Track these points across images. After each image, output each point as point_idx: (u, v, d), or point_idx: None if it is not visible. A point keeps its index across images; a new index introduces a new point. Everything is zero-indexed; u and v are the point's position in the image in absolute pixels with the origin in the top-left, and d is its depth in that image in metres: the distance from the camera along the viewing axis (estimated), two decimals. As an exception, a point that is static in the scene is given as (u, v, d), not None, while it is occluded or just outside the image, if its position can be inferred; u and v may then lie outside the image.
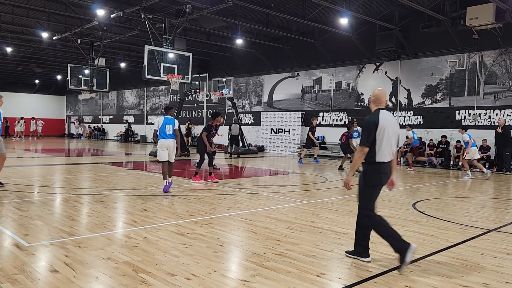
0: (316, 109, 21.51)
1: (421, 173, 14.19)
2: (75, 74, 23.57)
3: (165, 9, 16.91)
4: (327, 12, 16.88)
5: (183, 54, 17.27)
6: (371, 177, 4.40)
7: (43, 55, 27.83)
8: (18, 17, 18.83)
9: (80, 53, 23.73)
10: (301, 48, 21.62)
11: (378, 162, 4.33)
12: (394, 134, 4.44)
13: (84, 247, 4.64)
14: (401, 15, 17.15)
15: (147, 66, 15.85)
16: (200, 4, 15.32)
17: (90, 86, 23.67)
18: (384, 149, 4.32)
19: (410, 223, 6.21)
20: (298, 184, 10.78)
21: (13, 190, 8.44)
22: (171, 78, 16.41)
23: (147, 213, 6.52)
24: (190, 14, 15.65)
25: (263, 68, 24.12)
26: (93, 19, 17.60)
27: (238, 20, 18.16)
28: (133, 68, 30.33)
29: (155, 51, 16.11)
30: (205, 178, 10.47)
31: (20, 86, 40.42)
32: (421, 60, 17.61)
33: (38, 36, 21.55)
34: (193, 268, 4.02)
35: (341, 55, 20.30)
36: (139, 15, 15.97)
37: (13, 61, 29.94)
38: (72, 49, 24.71)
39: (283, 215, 6.59)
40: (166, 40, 16.46)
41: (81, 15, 17.99)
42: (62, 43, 23.54)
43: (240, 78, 25.54)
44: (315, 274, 3.94)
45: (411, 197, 8.85)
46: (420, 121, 17.69)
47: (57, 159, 12.52)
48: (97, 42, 22.39)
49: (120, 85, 35.79)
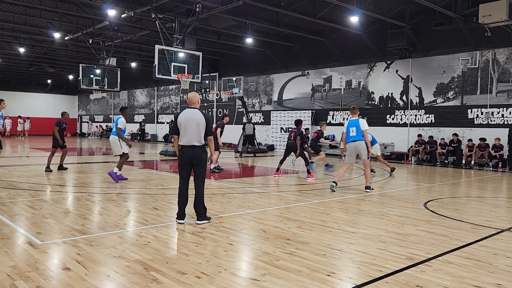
0: (327, 108, 21.42)
1: (433, 172, 14.05)
2: (86, 74, 23.80)
3: (175, 8, 16.98)
4: (337, 11, 16.80)
5: (193, 54, 17.32)
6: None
7: (55, 55, 28.16)
8: (31, 17, 19.07)
9: (92, 53, 23.96)
10: (311, 46, 21.55)
11: None
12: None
13: (95, 245, 4.69)
14: (412, 13, 16.98)
15: (157, 65, 15.93)
16: (210, 4, 15.36)
17: (101, 85, 23.88)
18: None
19: (422, 223, 6.15)
20: (308, 183, 10.74)
21: (26, 189, 8.56)
22: (182, 77, 16.48)
23: (157, 212, 6.56)
24: (200, 13, 15.69)
25: (273, 67, 24.09)
26: (104, 19, 17.75)
27: (248, 19, 18.16)
28: (144, 68, 30.54)
29: (165, 51, 16.19)
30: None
31: (32, 86, 40.98)
32: (432, 58, 17.43)
33: (50, 37, 21.81)
34: (204, 267, 4.04)
35: (351, 54, 20.18)
36: (149, 14, 16.06)
37: (26, 61, 30.34)
38: (84, 49, 24.96)
39: (293, 214, 6.58)
40: (176, 39, 16.52)
41: (92, 15, 18.15)
42: (74, 43, 23.78)
43: (250, 77, 25.55)
44: (325, 274, 3.93)
45: (422, 196, 8.77)
46: (431, 119, 17.52)
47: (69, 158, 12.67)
48: (108, 42, 22.57)
49: (131, 85, 36.06)
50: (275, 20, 18.65)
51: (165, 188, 9.12)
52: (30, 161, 15.16)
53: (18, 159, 16.27)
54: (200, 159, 5.78)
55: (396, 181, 11.28)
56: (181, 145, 5.84)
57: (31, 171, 11.67)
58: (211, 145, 6.02)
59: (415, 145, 17.39)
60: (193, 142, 5.75)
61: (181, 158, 5.84)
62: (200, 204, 5.83)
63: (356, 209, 7.12)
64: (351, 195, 8.66)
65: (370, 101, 19.63)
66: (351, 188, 9.81)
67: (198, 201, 5.81)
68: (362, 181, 11.05)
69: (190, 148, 5.77)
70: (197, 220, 5.82)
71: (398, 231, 5.60)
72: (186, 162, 5.81)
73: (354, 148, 8.98)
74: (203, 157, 5.83)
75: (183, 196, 5.84)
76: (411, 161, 17.37)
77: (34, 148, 22.17)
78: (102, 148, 24.33)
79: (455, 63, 16.79)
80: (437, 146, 16.75)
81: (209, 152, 6.03)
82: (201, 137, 5.80)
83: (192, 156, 5.77)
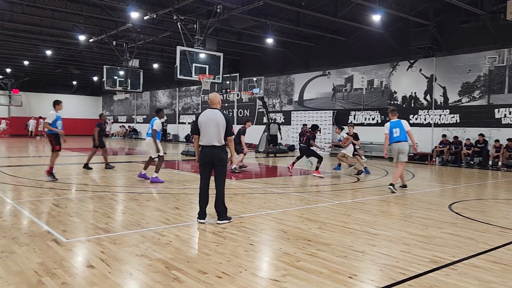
0: (348, 108, 21.21)
1: (458, 173, 13.73)
2: (110, 75, 24.25)
3: (197, 10, 17.13)
4: (359, 10, 16.62)
5: (214, 54, 17.43)
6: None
7: (80, 57, 28.80)
8: (57, 21, 19.56)
9: (115, 55, 24.41)
10: (332, 46, 21.38)
11: None
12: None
13: (119, 243, 4.77)
14: (437, 10, 16.65)
15: (179, 66, 16.09)
16: (231, 4, 15.43)
17: (124, 86, 24.30)
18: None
19: (446, 225, 6.02)
20: (329, 184, 10.66)
21: (52, 188, 8.77)
22: (203, 78, 16.60)
23: (179, 211, 6.62)
24: (221, 14, 15.78)
25: (294, 67, 24.01)
26: (127, 22, 18.06)
27: (268, 19, 18.16)
28: (166, 69, 30.91)
29: (187, 52, 16.34)
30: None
31: (58, 87, 42.03)
32: (457, 56, 17.04)
33: (75, 39, 22.33)
34: (224, 267, 4.05)
35: (373, 53, 19.93)
36: (171, 16, 16.25)
37: (52, 64, 31.15)
38: (108, 51, 25.46)
39: (314, 215, 6.53)
40: (197, 40, 16.66)
41: (116, 18, 18.49)
42: (98, 45, 24.27)
43: (270, 77, 25.53)
44: (347, 276, 3.89)
45: (447, 198, 8.57)
46: (456, 119, 17.13)
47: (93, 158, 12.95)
48: (131, 44, 22.96)
49: (153, 86, 36.56)
50: (296, 20, 18.58)
51: (186, 187, 9.20)
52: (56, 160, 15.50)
53: (45, 158, 16.69)
54: (220, 159, 5.81)
55: (419, 182, 11.06)
56: (202, 145, 5.88)
57: (56, 170, 11.95)
58: (231, 145, 6.04)
59: (440, 145, 17.04)
60: (213, 142, 5.79)
61: (202, 158, 5.88)
62: (221, 204, 5.85)
63: (378, 211, 7.02)
64: (372, 196, 8.54)
65: (393, 100, 19.33)
66: (372, 189, 9.68)
67: (218, 201, 5.84)
68: (384, 182, 10.90)
69: (210, 148, 5.81)
70: (218, 220, 5.84)
71: (422, 234, 5.49)
72: (207, 162, 5.85)
73: (398, 149, 9.14)
74: (224, 157, 5.85)
75: (204, 196, 5.88)
76: (435, 162, 17.02)
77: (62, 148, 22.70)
78: (125, 148, 24.74)
79: (481, 62, 16.36)
80: (462, 147, 16.36)
81: (229, 153, 6.05)
82: (221, 138, 5.83)
83: (212, 156, 5.80)
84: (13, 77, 36.77)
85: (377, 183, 10.63)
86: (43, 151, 21.05)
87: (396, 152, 9.18)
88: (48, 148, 10.69)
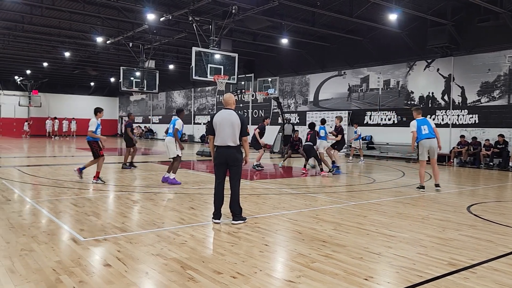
0: (364, 108, 21.03)
1: (477, 175, 13.48)
2: (127, 76, 24.53)
3: (212, 11, 17.20)
4: (375, 9, 16.46)
5: (229, 55, 17.48)
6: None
7: (98, 58, 29.22)
8: (75, 23, 19.87)
9: (132, 56, 24.68)
10: (347, 46, 21.22)
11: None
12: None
13: (135, 243, 4.82)
14: (455, 9, 16.38)
15: (194, 67, 16.18)
16: (246, 5, 15.45)
17: (140, 87, 24.56)
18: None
19: (465, 227, 5.91)
20: (345, 185, 10.59)
21: (70, 187, 8.92)
22: (218, 78, 16.66)
23: (194, 211, 6.66)
24: (236, 15, 15.82)
25: (309, 67, 23.92)
26: (143, 23, 18.25)
27: (283, 19, 18.13)
28: (181, 70, 31.13)
29: (202, 53, 16.42)
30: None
31: (76, 88, 42.73)
32: (476, 56, 16.73)
33: (93, 41, 22.66)
34: (239, 267, 4.06)
35: (389, 53, 19.71)
36: (187, 17, 16.36)
37: (70, 65, 31.68)
38: (124, 52, 25.76)
39: (329, 216, 6.49)
40: (213, 41, 16.73)
41: (132, 20, 18.70)
42: (115, 47, 24.59)
43: (285, 78, 25.48)
44: (362, 277, 3.85)
45: (465, 199, 8.42)
46: (475, 120, 16.81)
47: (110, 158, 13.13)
48: (147, 45, 23.18)
49: (168, 86, 36.86)
50: (311, 20, 18.50)
51: (201, 188, 9.24)
52: (75, 160, 15.79)
53: (63, 158, 17.00)
54: (235, 159, 5.82)
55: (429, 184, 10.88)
56: (217, 146, 5.91)
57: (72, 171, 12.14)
58: (246, 145, 6.06)
59: (458, 146, 16.75)
60: (228, 142, 5.80)
61: (217, 159, 5.90)
62: (236, 204, 5.86)
63: (394, 212, 6.93)
64: (388, 198, 8.45)
65: (410, 101, 19.08)
66: (388, 190, 9.57)
67: (233, 201, 5.85)
68: (400, 183, 10.77)
69: (225, 149, 5.83)
70: (233, 220, 5.85)
71: (440, 236, 5.41)
72: (222, 162, 5.87)
73: (429, 145, 9.24)
74: (238, 158, 5.86)
75: (219, 196, 5.90)
76: (453, 162, 16.74)
77: (80, 148, 23.09)
78: (141, 148, 24.99)
79: (501, 61, 16.02)
80: (481, 148, 16.05)
81: (244, 153, 6.06)
82: (236, 138, 5.84)
83: (227, 156, 5.82)
84: (32, 78, 37.53)
85: (394, 184, 10.51)
86: (60, 151, 21.43)
87: (427, 148, 9.24)
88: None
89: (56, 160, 16.01)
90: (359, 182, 10.90)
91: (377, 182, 10.95)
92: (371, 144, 20.37)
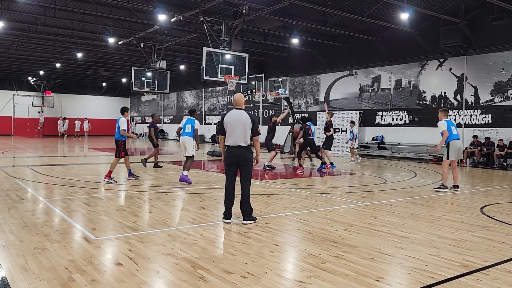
0: (375, 108, 20.89)
1: (490, 175, 13.30)
2: (138, 76, 24.72)
3: (223, 11, 17.24)
4: (387, 8, 16.34)
5: (240, 55, 17.51)
6: None
7: (109, 59, 29.50)
8: (87, 24, 20.09)
9: (143, 57, 24.86)
10: (358, 45, 21.10)
11: None
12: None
13: (146, 242, 4.85)
14: (468, 8, 16.18)
15: (205, 67, 16.24)
16: (257, 5, 15.45)
17: (152, 88, 24.74)
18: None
19: (478, 229, 5.84)
20: (356, 185, 10.53)
21: (82, 187, 9.02)
22: (228, 79, 16.70)
23: (205, 211, 6.68)
24: (246, 15, 15.84)
25: (320, 67, 23.83)
26: (155, 24, 18.37)
27: (294, 19, 18.09)
28: (192, 70, 31.27)
29: (213, 53, 16.47)
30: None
31: (88, 89, 43.19)
32: (489, 55, 16.50)
33: (105, 42, 22.88)
34: (249, 267, 4.06)
35: (401, 52, 19.55)
36: (197, 18, 16.43)
37: (82, 66, 32.03)
38: (136, 53, 25.96)
39: (340, 217, 6.46)
40: (223, 41, 16.77)
41: (144, 20, 18.83)
42: (127, 48, 24.80)
43: (296, 78, 25.43)
44: (373, 278, 3.82)
45: (478, 200, 8.32)
46: (488, 120, 16.58)
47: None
48: (158, 46, 23.33)
49: (179, 87, 37.04)
50: (322, 19, 18.44)
51: (212, 188, 9.27)
52: (87, 160, 15.96)
53: (76, 158, 17.19)
54: (246, 159, 5.83)
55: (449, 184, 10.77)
56: (228, 146, 5.92)
57: (87, 170, 12.28)
58: (257, 145, 6.06)
59: (470, 146, 16.55)
60: (239, 142, 5.81)
61: (228, 159, 5.91)
62: (246, 204, 5.87)
63: (406, 213, 6.87)
64: (400, 198, 8.38)
65: (421, 100, 18.90)
66: (400, 191, 9.49)
67: (244, 201, 5.86)
68: (412, 183, 10.68)
69: (236, 149, 5.84)
70: (243, 220, 5.86)
71: (452, 237, 5.35)
72: (233, 162, 5.88)
73: (459, 146, 9.38)
74: (249, 158, 5.87)
75: (230, 196, 5.91)
76: (466, 163, 16.54)
77: (93, 148, 23.32)
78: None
79: (515, 60, 15.79)
80: (495, 148, 15.83)
81: (255, 153, 6.06)
82: (247, 138, 5.85)
83: (238, 156, 5.83)
84: (45, 79, 38.03)
85: (406, 185, 10.42)
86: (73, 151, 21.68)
87: (457, 149, 9.33)
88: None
89: (68, 160, 16.19)
90: (370, 182, 10.83)
91: (388, 182, 10.87)
92: (382, 144, 20.23)
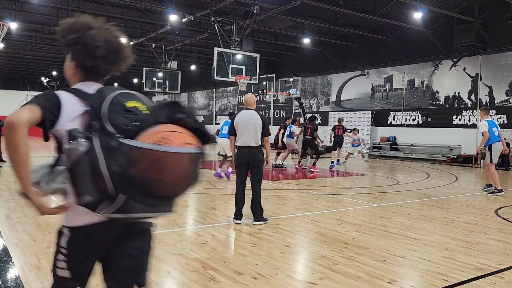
0: (387, 109, 20.71)
1: (505, 177, 13.08)
2: (149, 77, 24.89)
3: (234, 11, 17.26)
4: (399, 7, 16.19)
5: (251, 55, 17.51)
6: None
7: (121, 60, 29.71)
8: (100, 25, 20.28)
9: (154, 57, 25.00)
10: (371, 45, 20.94)
11: None
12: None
13: (157, 242, 4.85)
14: (482, 6, 15.95)
15: (216, 67, 16.28)
16: (268, 5, 15.44)
17: (163, 88, 24.87)
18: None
19: (493, 231, 5.74)
20: (368, 186, 10.44)
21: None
22: (239, 79, 16.72)
23: (215, 212, 6.68)
24: (257, 15, 15.83)
25: (331, 67, 23.71)
26: (166, 24, 18.47)
27: (305, 19, 18.02)
28: (203, 70, 31.35)
29: (224, 53, 16.50)
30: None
31: (101, 89, 43.63)
32: (505, 54, 16.23)
33: (117, 42, 23.07)
34: (260, 268, 4.04)
35: (414, 52, 19.35)
36: (209, 18, 16.47)
37: (95, 66, 32.35)
38: (147, 53, 26.10)
39: (351, 218, 6.41)
40: (234, 41, 16.79)
41: (155, 21, 18.95)
42: (138, 48, 24.95)
43: (307, 78, 25.33)
44: (386, 281, 3.78)
45: (493, 202, 8.18)
46: (503, 120, 16.31)
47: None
48: (169, 46, 23.45)
49: (190, 87, 37.18)
50: (334, 19, 18.34)
51: (222, 188, 9.28)
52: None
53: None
54: (257, 160, 5.81)
55: (463, 186, 10.64)
56: (238, 146, 5.91)
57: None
58: (267, 146, 6.04)
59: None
60: (250, 143, 5.80)
61: (238, 159, 5.90)
62: (257, 205, 5.85)
63: (419, 214, 6.79)
64: (412, 200, 8.28)
65: (435, 101, 18.68)
66: (412, 192, 9.39)
67: (255, 201, 5.84)
68: (425, 185, 10.55)
69: (247, 149, 5.83)
70: (254, 221, 5.84)
71: (466, 239, 5.26)
72: (243, 162, 5.87)
73: (501, 149, 9.25)
74: (260, 158, 5.85)
75: (240, 196, 5.90)
76: (480, 164, 16.29)
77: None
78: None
79: (531, 59, 15.51)
80: (510, 149, 15.56)
81: (265, 153, 6.04)
82: (258, 138, 5.83)
83: (249, 157, 5.81)
84: (58, 79, 38.50)
85: (418, 186, 10.30)
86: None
87: (500, 152, 9.21)
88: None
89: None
90: (383, 184, 10.74)
91: (401, 183, 10.76)
92: (394, 145, 20.04)
